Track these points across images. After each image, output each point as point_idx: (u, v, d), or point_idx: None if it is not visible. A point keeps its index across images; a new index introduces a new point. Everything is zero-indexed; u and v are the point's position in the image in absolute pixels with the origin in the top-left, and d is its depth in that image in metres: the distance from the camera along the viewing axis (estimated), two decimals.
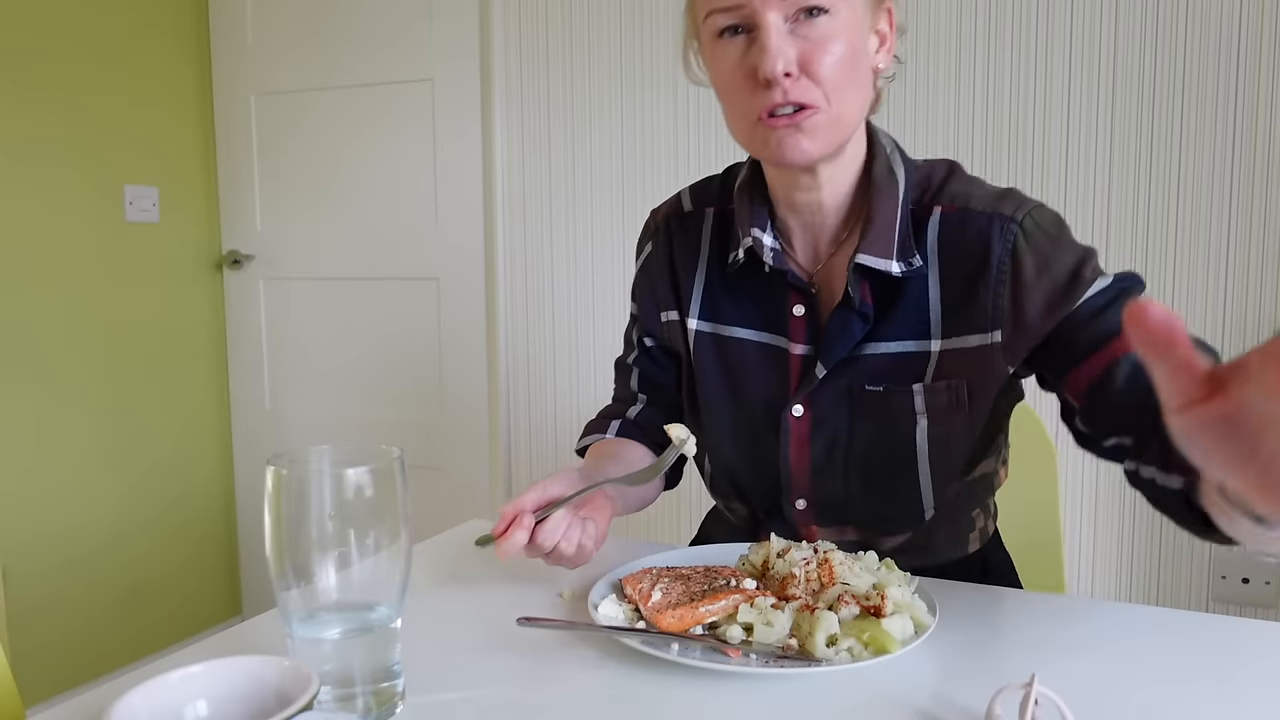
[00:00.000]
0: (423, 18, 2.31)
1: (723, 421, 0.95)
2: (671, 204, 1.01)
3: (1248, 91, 1.64)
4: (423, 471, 2.42)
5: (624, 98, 2.14)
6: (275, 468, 0.57)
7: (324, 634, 0.59)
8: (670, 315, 0.98)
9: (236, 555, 2.70)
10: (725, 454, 0.96)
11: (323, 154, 2.47)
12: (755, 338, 0.92)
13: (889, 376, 0.86)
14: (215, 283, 2.62)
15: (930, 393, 0.85)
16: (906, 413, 0.86)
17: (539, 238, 2.26)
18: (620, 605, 0.74)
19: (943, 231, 0.84)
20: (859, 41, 0.80)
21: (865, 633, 0.65)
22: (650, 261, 1.01)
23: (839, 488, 0.90)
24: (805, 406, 0.88)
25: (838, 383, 0.87)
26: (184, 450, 2.54)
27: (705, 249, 0.96)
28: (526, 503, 0.76)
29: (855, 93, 0.80)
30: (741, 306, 0.92)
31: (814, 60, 0.77)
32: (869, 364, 0.86)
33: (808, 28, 0.77)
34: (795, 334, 0.89)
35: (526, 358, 2.31)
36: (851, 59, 0.79)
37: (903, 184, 0.86)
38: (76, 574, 2.27)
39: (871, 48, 0.83)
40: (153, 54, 2.40)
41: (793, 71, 0.77)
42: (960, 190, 0.85)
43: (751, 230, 0.88)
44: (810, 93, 0.78)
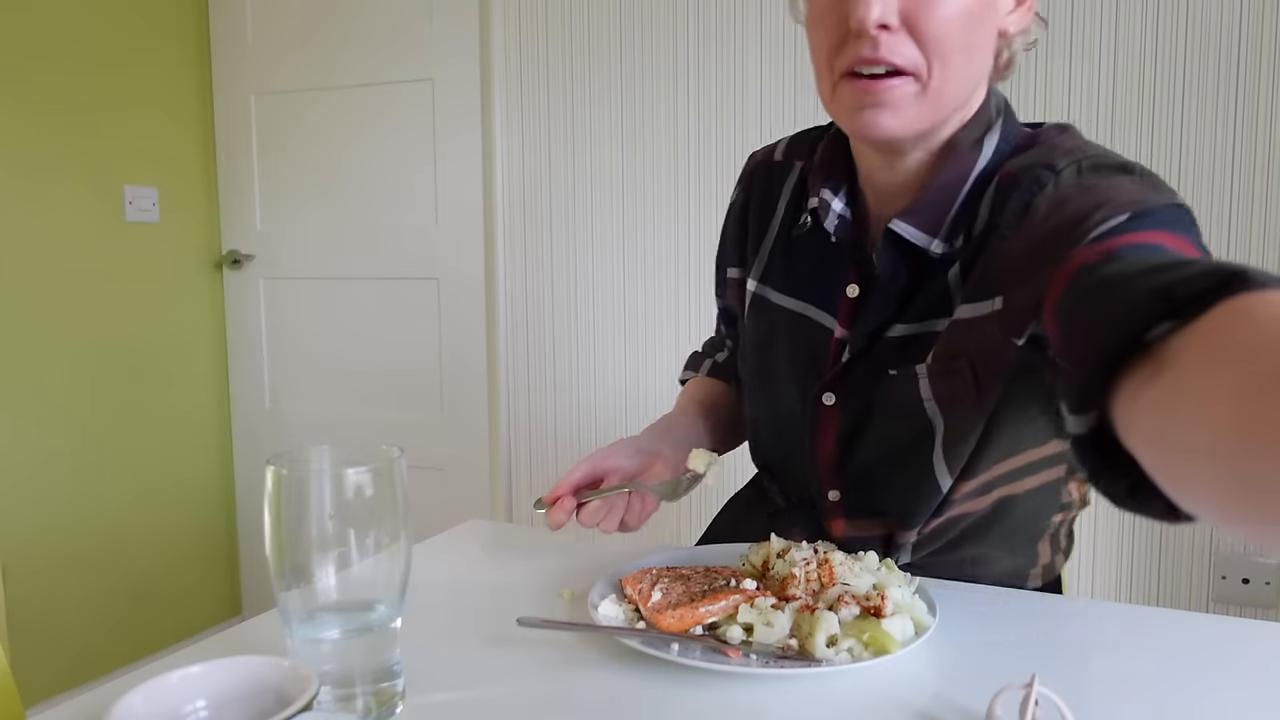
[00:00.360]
0: (423, 18, 2.31)
1: (759, 399, 0.90)
2: (767, 151, 0.93)
3: (1247, 97, 1.64)
4: (423, 471, 2.42)
5: (623, 97, 2.14)
6: (275, 467, 0.57)
7: (324, 634, 0.59)
8: (734, 273, 0.93)
9: (236, 555, 2.70)
10: (759, 433, 0.92)
11: (323, 154, 2.47)
12: (805, 310, 0.83)
13: (905, 359, 0.77)
14: (215, 282, 2.62)
15: (934, 376, 0.75)
16: (913, 398, 0.76)
17: (539, 238, 2.26)
18: (620, 605, 0.74)
19: (994, 203, 0.72)
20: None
21: (865, 633, 0.65)
22: (731, 211, 0.94)
23: (867, 478, 0.83)
24: (837, 395, 0.82)
25: (864, 367, 0.79)
26: (184, 450, 2.54)
27: (782, 207, 0.87)
28: (572, 483, 0.80)
29: (968, 60, 0.69)
30: (800, 274, 0.84)
31: (920, 14, 0.65)
32: (892, 346, 0.78)
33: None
34: (842, 316, 0.80)
35: (526, 358, 2.31)
36: (969, 18, 0.67)
37: (987, 157, 0.74)
38: (76, 574, 2.27)
39: (1003, 6, 0.71)
40: (153, 54, 2.40)
41: (891, 23, 0.65)
42: (1034, 155, 0.72)
43: (822, 191, 0.79)
44: (907, 53, 0.66)
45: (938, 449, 0.77)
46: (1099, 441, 0.41)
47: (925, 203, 0.73)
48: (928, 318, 0.75)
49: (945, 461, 0.78)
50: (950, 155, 0.74)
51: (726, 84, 2.03)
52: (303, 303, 2.56)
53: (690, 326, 2.12)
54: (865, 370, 0.79)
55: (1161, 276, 0.40)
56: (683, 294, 2.13)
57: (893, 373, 0.77)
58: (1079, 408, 0.41)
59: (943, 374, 0.74)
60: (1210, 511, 0.32)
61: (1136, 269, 0.43)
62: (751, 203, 0.91)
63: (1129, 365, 0.39)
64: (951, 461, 0.78)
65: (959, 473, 0.78)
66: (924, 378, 0.75)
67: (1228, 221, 1.67)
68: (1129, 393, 0.38)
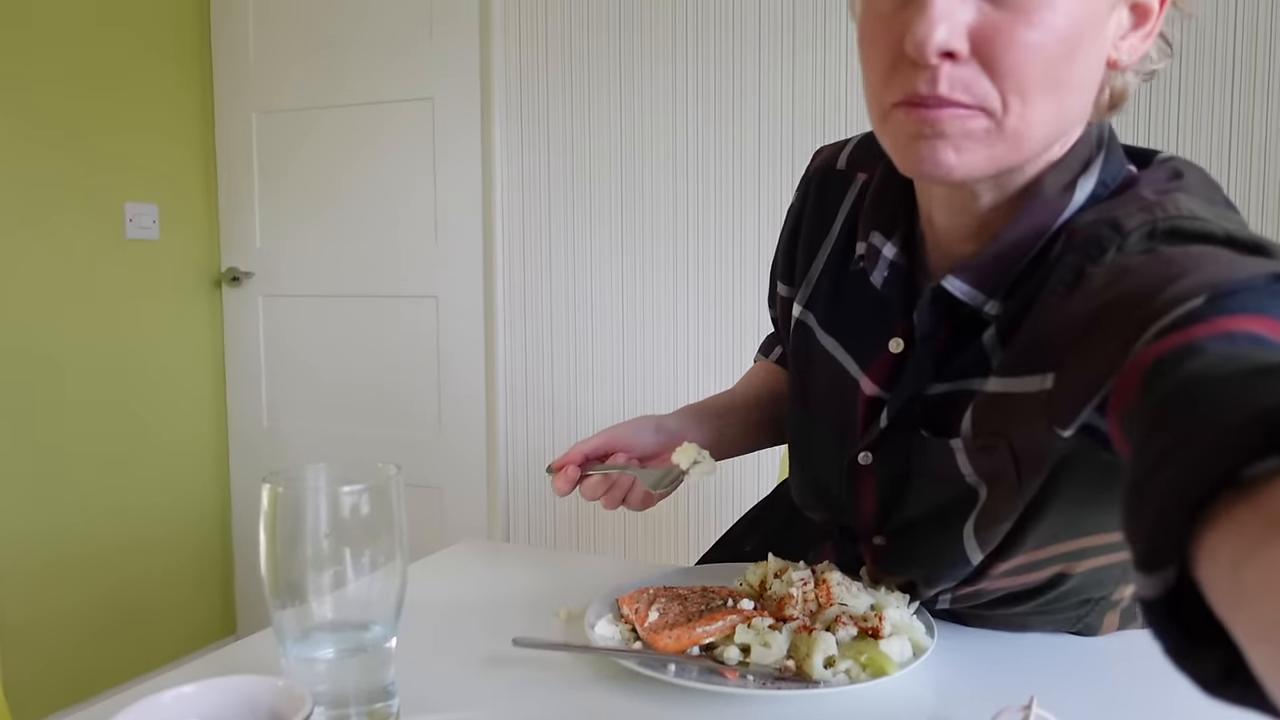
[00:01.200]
0: (424, 37, 2.32)
1: (798, 434, 0.82)
2: (831, 153, 0.81)
3: (1242, 101, 1.65)
4: (420, 490, 2.42)
5: (622, 117, 2.15)
6: (271, 485, 0.57)
7: (318, 653, 0.58)
8: (783, 289, 0.85)
9: (232, 573, 2.69)
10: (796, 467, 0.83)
11: (323, 172, 2.48)
12: (843, 360, 0.74)
13: (934, 419, 0.67)
14: (214, 300, 2.62)
15: (970, 451, 0.65)
16: (952, 469, 0.67)
17: (538, 256, 2.27)
18: (617, 625, 0.74)
19: (1058, 261, 0.59)
20: (1092, 19, 0.54)
21: (863, 654, 0.65)
22: (788, 217, 0.84)
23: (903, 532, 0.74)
24: (873, 452, 0.73)
25: (900, 428, 0.70)
26: (181, 466, 2.53)
27: (838, 225, 0.76)
28: (584, 451, 0.80)
29: (1060, 99, 0.55)
30: (844, 314, 0.74)
31: (998, 40, 0.52)
32: (924, 405, 0.68)
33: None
34: (876, 372, 0.71)
35: (525, 376, 2.31)
36: (1065, 47, 0.53)
37: (1078, 204, 0.60)
38: (70, 590, 2.25)
39: (1113, 31, 0.57)
40: (155, 71, 2.41)
41: (959, 51, 0.52)
42: (1108, 208, 0.58)
43: (872, 235, 0.69)
44: (976, 87, 0.53)
45: (970, 523, 0.67)
46: (1175, 605, 0.30)
47: (988, 256, 0.61)
48: (963, 377, 0.65)
49: (975, 538, 0.68)
50: (1031, 200, 0.60)
51: (725, 104, 2.05)
52: (301, 320, 2.56)
53: (689, 346, 2.13)
54: (900, 429, 0.70)
55: (1263, 389, 0.30)
56: (681, 313, 2.13)
57: (924, 434, 0.67)
58: (1150, 563, 0.30)
59: (981, 450, 0.64)
60: None
61: (1226, 372, 0.34)
62: (805, 214, 0.80)
63: (1218, 509, 0.28)
64: (982, 540, 0.67)
65: (991, 552, 0.68)
66: (960, 452, 0.65)
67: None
68: (1224, 550, 0.28)
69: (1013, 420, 0.61)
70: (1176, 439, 0.32)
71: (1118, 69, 0.59)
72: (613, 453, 0.82)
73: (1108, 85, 0.60)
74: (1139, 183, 0.61)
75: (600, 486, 0.80)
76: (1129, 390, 0.42)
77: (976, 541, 0.67)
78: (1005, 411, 0.61)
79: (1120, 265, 0.53)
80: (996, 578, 0.70)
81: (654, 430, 0.84)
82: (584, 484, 0.81)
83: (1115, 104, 0.61)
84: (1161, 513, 0.30)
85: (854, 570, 0.79)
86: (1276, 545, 0.25)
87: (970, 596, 0.74)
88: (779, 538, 0.92)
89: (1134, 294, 0.48)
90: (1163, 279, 0.47)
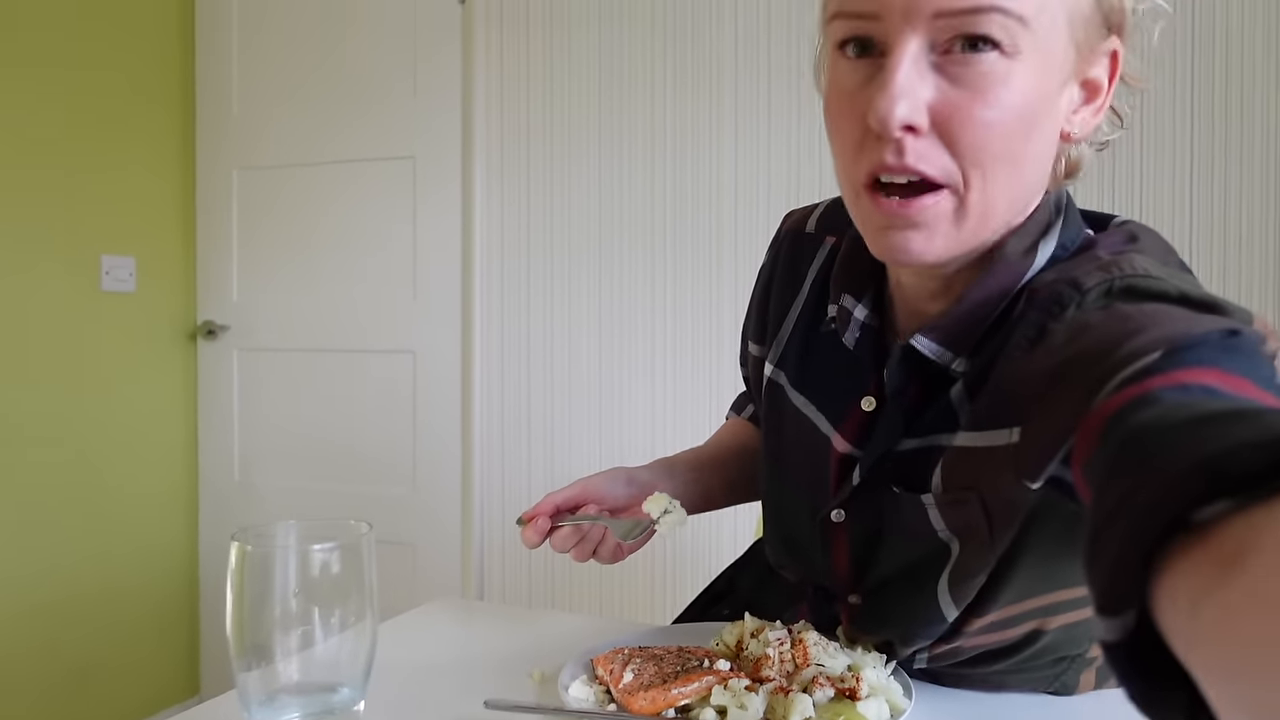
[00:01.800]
0: (408, 96, 2.36)
1: (770, 490, 0.82)
2: (800, 217, 0.83)
3: (1206, 106, 1.70)
4: (393, 548, 2.38)
5: (602, 179, 2.18)
6: (240, 542, 0.56)
7: (284, 717, 0.57)
8: (754, 349, 0.86)
9: (198, 633, 2.62)
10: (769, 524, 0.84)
11: (302, 226, 2.49)
12: (815, 419, 0.75)
13: (904, 479, 0.68)
14: (189, 353, 2.60)
15: (941, 505, 0.66)
16: (925, 525, 0.67)
17: (516, 315, 2.28)
18: (591, 686, 0.73)
19: (1021, 318, 0.61)
20: (1045, 97, 0.56)
21: (840, 716, 0.64)
22: (760, 278, 0.86)
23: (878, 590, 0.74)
24: (846, 510, 0.73)
25: (871, 485, 0.71)
26: (149, 520, 2.48)
27: (807, 286, 0.78)
28: (556, 502, 0.80)
29: (1015, 173, 0.57)
30: (815, 373, 0.76)
31: (956, 116, 0.54)
32: (895, 461, 0.69)
33: (963, 64, 0.54)
34: (848, 429, 0.72)
35: (501, 434, 2.29)
36: (1021, 123, 0.55)
37: (1038, 267, 0.62)
38: (30, 645, 2.18)
39: (1066, 105, 0.59)
40: (137, 124, 2.43)
41: (920, 125, 0.54)
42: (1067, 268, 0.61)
43: (842, 299, 0.71)
44: (937, 160, 0.55)
45: (944, 579, 0.67)
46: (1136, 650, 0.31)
47: (954, 316, 0.62)
48: (932, 432, 0.66)
49: (950, 593, 0.67)
50: (995, 264, 0.62)
51: (703, 159, 2.08)
52: (276, 374, 2.54)
53: (666, 405, 2.13)
54: (872, 486, 0.71)
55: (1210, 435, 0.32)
56: (659, 373, 2.14)
57: (896, 490, 0.68)
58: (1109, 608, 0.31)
59: (952, 505, 0.65)
60: None
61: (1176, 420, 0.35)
62: (775, 275, 0.82)
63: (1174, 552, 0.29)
64: (956, 595, 0.67)
65: (965, 608, 0.68)
66: (932, 507, 0.66)
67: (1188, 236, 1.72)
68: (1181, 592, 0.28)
69: (982, 474, 0.62)
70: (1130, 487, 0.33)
71: (1071, 141, 0.61)
72: (585, 504, 0.82)
73: (1063, 156, 0.63)
74: (1097, 245, 0.63)
75: (571, 538, 0.80)
76: (1089, 440, 0.44)
77: (951, 597, 0.68)
78: (975, 465, 0.62)
79: (1080, 322, 0.55)
80: (972, 635, 0.70)
81: (626, 482, 0.84)
82: (555, 535, 0.80)
83: (1071, 173, 0.64)
84: (1119, 559, 0.31)
85: (830, 629, 0.79)
86: (1230, 585, 0.26)
87: (947, 655, 0.73)
88: (754, 596, 0.92)
89: (1094, 350, 0.50)
90: (1120, 335, 0.49)
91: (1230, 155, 1.69)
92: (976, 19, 0.52)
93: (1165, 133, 1.72)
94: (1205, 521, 0.29)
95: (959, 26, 0.53)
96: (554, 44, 2.21)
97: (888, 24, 0.54)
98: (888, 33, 0.55)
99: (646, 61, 2.13)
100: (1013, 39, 0.53)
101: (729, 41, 2.05)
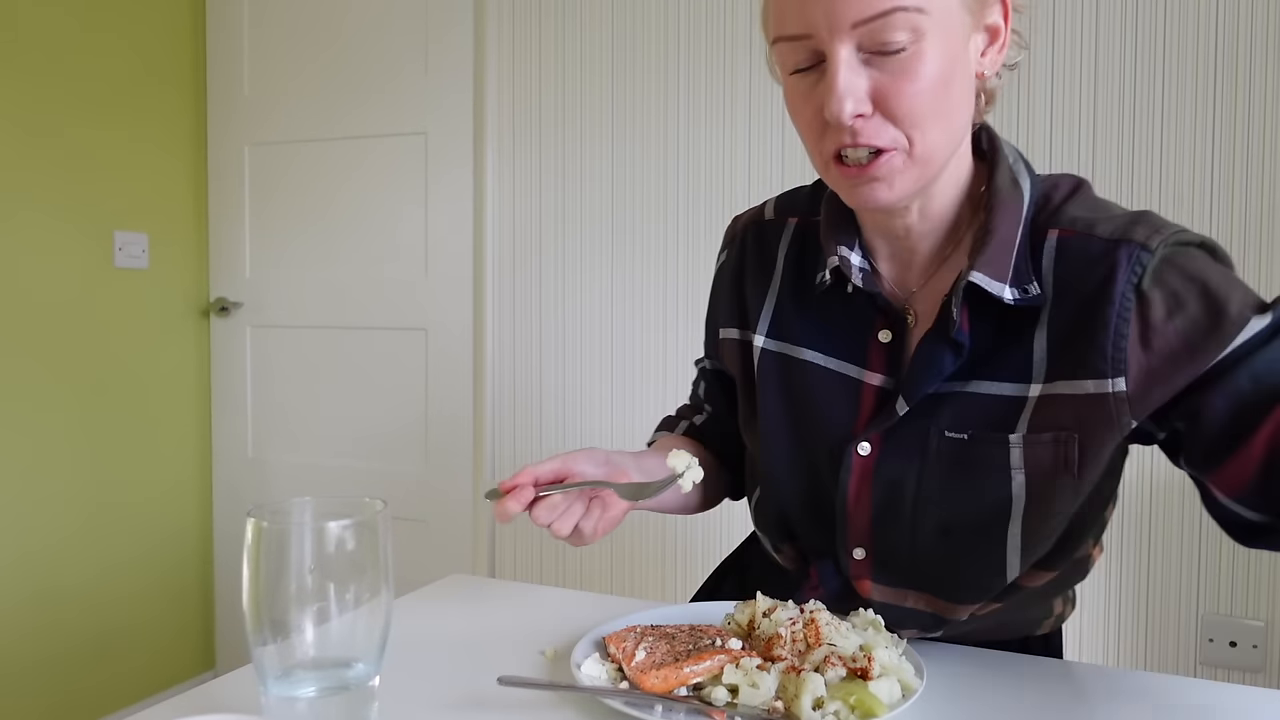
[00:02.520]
0: (419, 72, 2.34)
1: (780, 453, 0.85)
2: (754, 212, 0.93)
3: (1225, 107, 1.68)
4: (405, 524, 2.40)
5: (614, 155, 2.17)
6: (256, 519, 0.56)
7: (299, 692, 0.57)
8: (730, 333, 0.91)
9: (213, 607, 2.65)
10: (779, 489, 0.86)
11: (315, 204, 2.49)
12: (827, 363, 0.81)
13: (976, 423, 0.74)
14: (202, 329, 2.61)
15: (1031, 445, 0.72)
16: (998, 466, 0.73)
17: (528, 291, 2.27)
18: (603, 664, 0.73)
19: (1059, 260, 0.72)
20: (954, 57, 0.68)
21: (852, 695, 0.64)
22: (722, 272, 0.93)
23: (904, 541, 0.79)
24: (874, 445, 0.78)
25: (915, 423, 0.76)
26: (163, 498, 2.50)
27: (781, 262, 0.87)
28: (536, 474, 0.77)
29: (946, 122, 0.69)
30: (817, 328, 0.83)
31: (891, 96, 0.67)
32: (954, 405, 0.74)
33: (886, 56, 0.66)
34: (874, 362, 0.79)
35: (513, 411, 2.30)
36: (942, 84, 0.67)
37: (1028, 197, 0.75)
38: (46, 621, 2.21)
39: (975, 51, 0.71)
40: (150, 102, 2.43)
41: (865, 111, 0.67)
42: (1083, 214, 0.73)
43: (838, 250, 0.79)
44: (885, 134, 0.68)
45: (1015, 527, 0.74)
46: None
47: (992, 253, 0.72)
48: (1004, 379, 0.73)
49: (1021, 543, 0.75)
50: (997, 199, 0.74)
51: (716, 137, 2.07)
52: (289, 351, 2.55)
53: (678, 382, 2.13)
54: (919, 427, 0.76)
55: None
56: (671, 348, 2.13)
57: (963, 436, 0.74)
58: None
59: (1047, 445, 0.72)
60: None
61: None
62: (746, 261, 0.90)
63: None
64: (1028, 545, 0.75)
65: (1035, 556, 0.76)
66: (1018, 447, 0.72)
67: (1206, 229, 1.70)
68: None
69: (1080, 415, 0.71)
70: None
71: (984, 79, 0.74)
72: (565, 478, 0.79)
73: (980, 92, 0.75)
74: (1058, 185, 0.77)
75: (557, 508, 0.77)
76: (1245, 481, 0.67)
77: (1021, 545, 0.75)
78: (1070, 409, 0.71)
79: (1171, 292, 0.69)
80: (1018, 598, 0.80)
81: (605, 460, 0.82)
82: (539, 505, 0.76)
83: (989, 102, 0.77)
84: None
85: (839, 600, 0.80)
86: None
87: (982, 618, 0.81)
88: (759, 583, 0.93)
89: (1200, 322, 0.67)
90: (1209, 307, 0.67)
91: (1251, 153, 1.66)
92: (887, 20, 0.65)
93: (1185, 130, 1.70)
94: None
95: (874, 32, 0.65)
96: (566, 19, 2.20)
97: (819, 39, 0.67)
98: (822, 45, 0.67)
99: (659, 38, 2.11)
100: (918, 27, 0.65)
101: (743, 18, 2.03)
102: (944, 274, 0.78)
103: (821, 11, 0.66)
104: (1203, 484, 0.72)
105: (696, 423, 1.01)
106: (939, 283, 0.78)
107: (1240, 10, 1.66)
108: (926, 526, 0.77)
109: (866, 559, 0.81)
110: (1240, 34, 1.67)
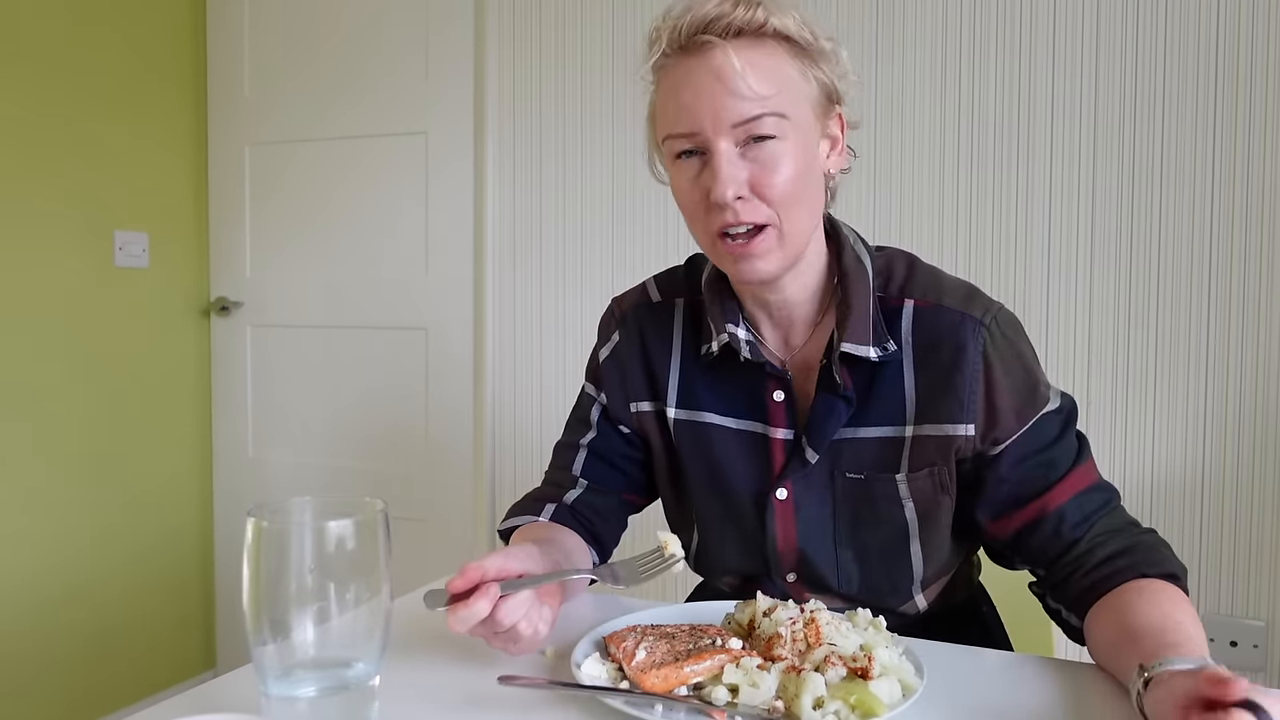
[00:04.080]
0: (419, 73, 2.34)
1: (708, 508, 0.97)
2: (638, 294, 1.03)
3: (1226, 117, 1.68)
4: (406, 523, 2.39)
5: (614, 153, 2.17)
6: (256, 519, 0.56)
7: (300, 691, 0.57)
8: (642, 406, 0.99)
9: (213, 606, 2.65)
10: (711, 538, 0.99)
11: (315, 203, 2.48)
12: (735, 425, 0.94)
13: (869, 464, 0.89)
14: (202, 329, 2.61)
15: (913, 479, 0.88)
16: (892, 499, 0.89)
17: (528, 292, 2.27)
18: (604, 664, 0.73)
19: (917, 324, 0.88)
20: (809, 155, 0.84)
21: (852, 695, 0.64)
22: (620, 350, 1.02)
23: (828, 565, 0.93)
24: (789, 490, 0.91)
25: (821, 467, 0.90)
26: (163, 496, 2.50)
27: (678, 339, 0.98)
28: (489, 569, 0.70)
29: (806, 205, 0.84)
30: (719, 394, 0.95)
31: (763, 182, 0.80)
32: (849, 450, 0.89)
33: (757, 151, 0.80)
34: (776, 419, 0.92)
35: (513, 411, 2.30)
36: (801, 175, 0.82)
37: (870, 271, 0.90)
38: (44, 622, 2.21)
39: (823, 154, 0.87)
40: (150, 101, 2.42)
41: (744, 195, 0.81)
42: (929, 284, 0.90)
43: (725, 326, 0.91)
44: (761, 212, 0.81)
45: (914, 545, 0.92)
46: None
47: (853, 323, 0.87)
48: (884, 424, 0.88)
49: (923, 553, 0.93)
50: (848, 276, 0.89)
51: None
52: (289, 351, 2.55)
53: None
54: (824, 469, 0.90)
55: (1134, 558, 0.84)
56: None
57: (860, 475, 0.89)
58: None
59: (925, 477, 0.89)
60: None
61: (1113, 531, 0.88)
62: (647, 339, 0.99)
63: None
64: (929, 553, 0.93)
65: (936, 564, 0.95)
66: (904, 483, 0.89)
67: (1208, 243, 1.70)
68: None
69: (943, 451, 0.88)
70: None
71: (830, 177, 0.89)
72: (511, 575, 0.72)
73: (827, 188, 0.90)
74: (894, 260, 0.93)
75: (525, 603, 0.71)
76: (1007, 534, 0.89)
77: (922, 555, 0.93)
78: (937, 447, 0.88)
79: (1003, 358, 0.86)
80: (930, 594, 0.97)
81: (528, 556, 0.77)
82: (509, 600, 0.69)
83: (833, 196, 0.92)
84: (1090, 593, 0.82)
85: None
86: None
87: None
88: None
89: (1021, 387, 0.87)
90: (1028, 377, 0.87)
91: (1252, 171, 1.66)
92: (758, 123, 0.80)
93: (1185, 151, 1.70)
94: None
95: (749, 130, 0.80)
96: (567, 19, 2.20)
97: (704, 136, 0.81)
98: (707, 141, 0.81)
99: None
100: (782, 129, 0.81)
101: None
102: (818, 335, 0.91)
103: (709, 115, 0.80)
104: (981, 528, 0.91)
105: (568, 501, 0.98)
106: (815, 344, 0.91)
107: (1240, 21, 1.66)
108: (844, 553, 0.92)
109: (798, 581, 0.95)
110: (1240, 43, 1.66)
